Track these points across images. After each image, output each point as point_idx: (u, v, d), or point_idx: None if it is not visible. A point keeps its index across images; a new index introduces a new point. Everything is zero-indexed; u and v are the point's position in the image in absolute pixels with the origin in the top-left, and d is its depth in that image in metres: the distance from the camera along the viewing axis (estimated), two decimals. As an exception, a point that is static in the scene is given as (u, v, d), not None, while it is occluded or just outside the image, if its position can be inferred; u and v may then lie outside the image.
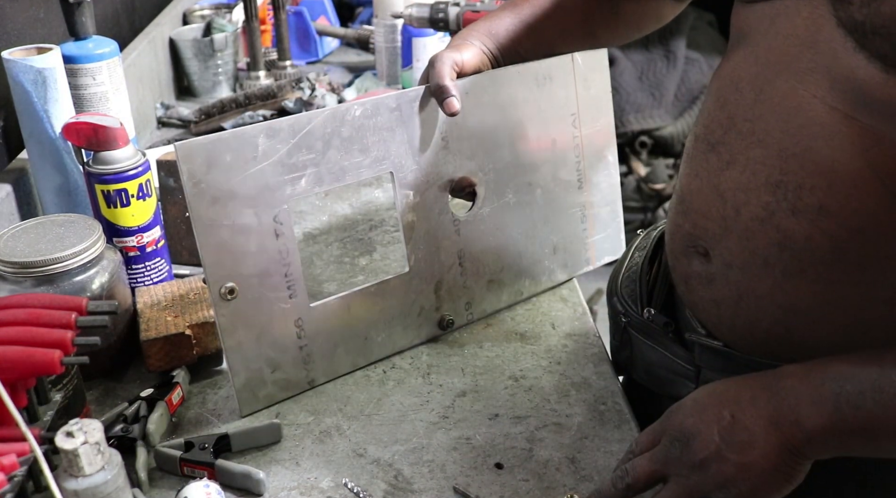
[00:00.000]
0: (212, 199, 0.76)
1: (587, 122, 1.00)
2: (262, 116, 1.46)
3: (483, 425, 0.82)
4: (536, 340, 0.94)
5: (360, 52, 1.92)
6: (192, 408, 0.84)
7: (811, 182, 0.65)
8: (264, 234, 0.79)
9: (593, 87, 1.00)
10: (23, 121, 1.01)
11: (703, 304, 0.78)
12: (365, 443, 0.79)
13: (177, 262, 1.06)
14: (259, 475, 0.73)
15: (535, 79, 0.94)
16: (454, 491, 0.74)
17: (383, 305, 0.89)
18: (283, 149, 0.78)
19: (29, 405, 0.69)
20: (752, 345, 0.76)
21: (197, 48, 1.63)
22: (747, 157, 0.69)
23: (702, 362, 0.80)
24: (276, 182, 0.79)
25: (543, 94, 0.95)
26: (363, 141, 0.83)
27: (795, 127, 0.65)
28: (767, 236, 0.69)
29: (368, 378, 0.88)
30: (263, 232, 0.79)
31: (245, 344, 0.80)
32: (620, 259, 0.97)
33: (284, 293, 0.82)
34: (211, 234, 0.77)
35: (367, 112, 0.83)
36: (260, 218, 0.79)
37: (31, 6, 1.18)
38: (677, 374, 0.83)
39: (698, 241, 0.76)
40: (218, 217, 0.77)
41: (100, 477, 0.60)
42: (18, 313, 0.70)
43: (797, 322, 0.72)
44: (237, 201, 0.77)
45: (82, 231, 0.85)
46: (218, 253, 0.78)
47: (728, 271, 0.74)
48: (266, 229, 0.79)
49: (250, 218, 0.78)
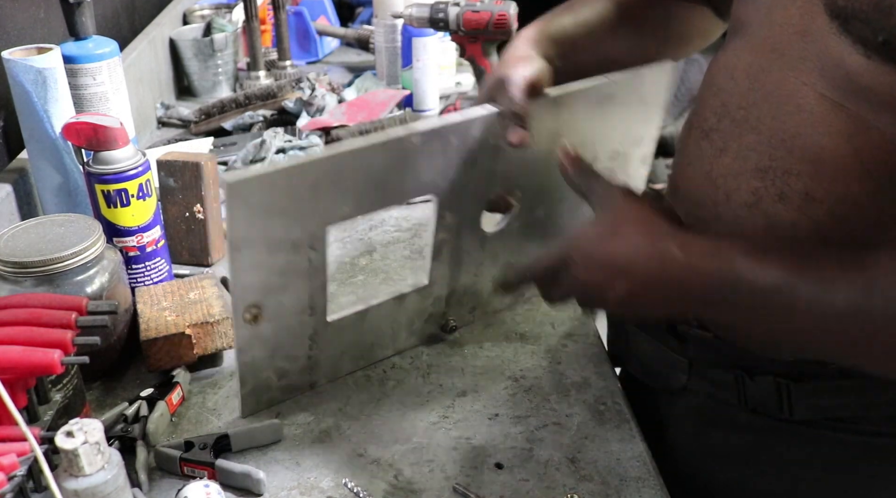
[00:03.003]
0: (249, 221, 0.70)
1: (632, 141, 0.93)
2: (262, 116, 1.46)
3: (483, 425, 0.82)
4: (536, 340, 0.94)
5: (360, 52, 1.92)
6: (192, 408, 0.84)
7: (798, 168, 0.65)
8: (300, 255, 0.74)
9: (651, 105, 0.91)
10: (23, 121, 1.01)
11: None
12: (365, 443, 0.79)
13: (177, 262, 1.06)
14: (259, 475, 0.73)
15: (597, 100, 0.85)
16: (454, 491, 0.74)
17: (395, 315, 0.88)
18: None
19: (29, 405, 0.69)
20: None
21: (197, 48, 1.63)
22: (740, 144, 0.69)
23: (693, 354, 0.81)
24: (323, 207, 0.74)
25: (600, 116, 0.87)
26: (415, 167, 0.77)
27: (786, 113, 0.66)
28: (755, 223, 0.69)
29: (368, 378, 0.88)
30: (300, 253, 0.74)
31: (258, 359, 0.79)
32: None
33: (307, 312, 0.79)
34: (246, 255, 0.71)
35: (428, 140, 0.76)
36: (299, 240, 0.74)
37: (31, 6, 1.18)
38: (671, 366, 0.83)
39: (691, 229, 0.76)
40: (255, 237, 0.71)
41: (100, 477, 0.60)
42: (18, 313, 0.70)
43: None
44: (278, 222, 0.72)
45: (82, 231, 0.85)
46: (249, 273, 0.72)
47: None
48: (303, 250, 0.74)
49: (289, 238, 0.73)
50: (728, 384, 0.78)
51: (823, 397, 0.74)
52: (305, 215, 0.73)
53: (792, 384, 0.74)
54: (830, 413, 0.74)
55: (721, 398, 0.79)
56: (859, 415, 0.73)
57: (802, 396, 0.74)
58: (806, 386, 0.74)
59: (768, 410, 0.76)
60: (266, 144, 1.29)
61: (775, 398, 0.75)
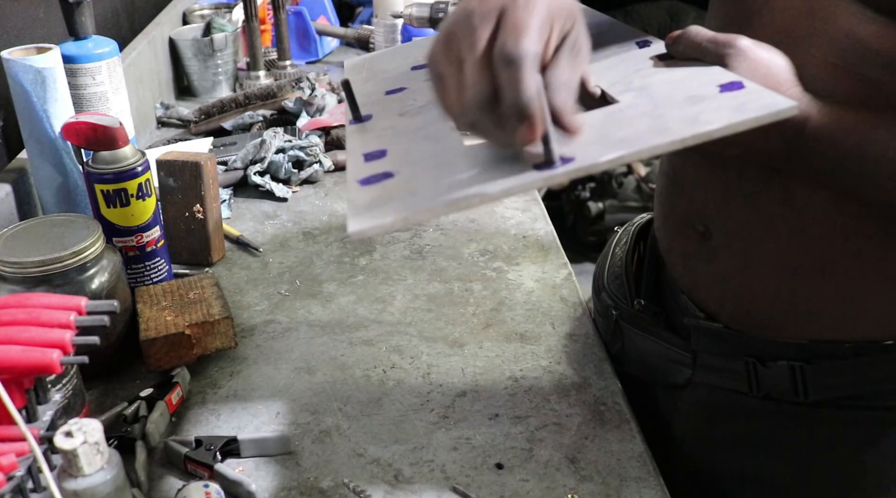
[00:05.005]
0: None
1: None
2: (261, 116, 1.46)
3: (483, 425, 0.81)
4: (536, 340, 0.94)
5: (360, 51, 1.91)
6: (191, 408, 0.84)
7: None
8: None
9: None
10: (22, 121, 1.01)
11: (703, 282, 0.80)
12: (365, 443, 0.79)
13: (176, 262, 1.06)
14: (251, 487, 0.73)
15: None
16: (454, 491, 0.74)
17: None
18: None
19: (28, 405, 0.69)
20: (755, 319, 0.77)
21: (197, 48, 1.63)
22: None
23: (698, 347, 0.81)
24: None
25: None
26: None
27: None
28: (772, 196, 0.70)
29: (368, 378, 0.88)
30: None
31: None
32: (603, 255, 0.99)
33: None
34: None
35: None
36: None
37: (31, 6, 1.18)
38: (673, 361, 0.84)
39: (696, 217, 0.77)
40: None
41: (99, 477, 0.60)
42: (18, 313, 0.70)
43: (803, 283, 0.73)
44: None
45: (82, 231, 0.85)
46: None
47: (731, 241, 0.75)
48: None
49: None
50: (737, 373, 0.78)
51: (837, 377, 0.74)
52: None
53: (805, 366, 0.74)
54: (844, 391, 0.75)
55: (729, 388, 0.80)
56: (873, 390, 0.74)
57: (817, 378, 0.74)
58: (820, 367, 0.74)
59: (782, 395, 0.76)
60: (266, 144, 1.29)
61: (789, 382, 0.75)
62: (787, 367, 0.75)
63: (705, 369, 0.81)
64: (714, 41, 0.62)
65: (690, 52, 0.62)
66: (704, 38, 0.62)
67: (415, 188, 0.55)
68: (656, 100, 0.57)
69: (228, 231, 1.15)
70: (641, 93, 0.59)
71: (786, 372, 0.75)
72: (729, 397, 0.80)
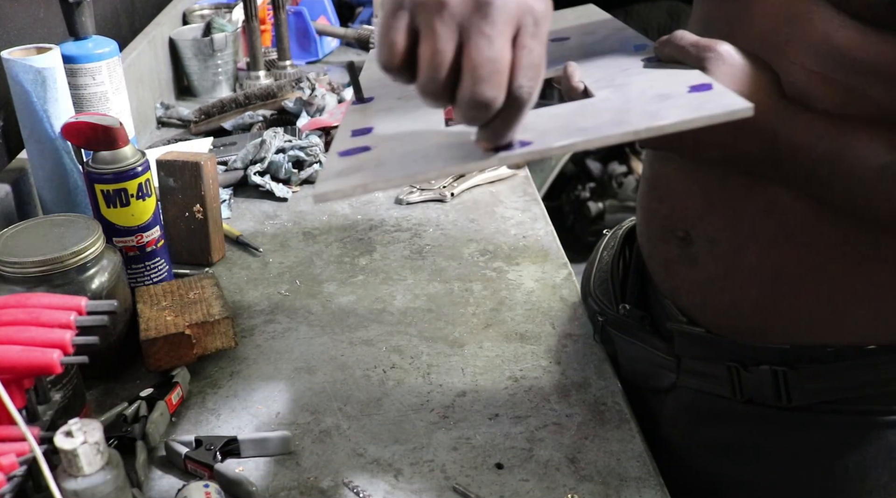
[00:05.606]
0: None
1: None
2: (261, 116, 1.46)
3: (483, 425, 0.81)
4: (536, 340, 0.94)
5: (360, 52, 1.91)
6: (191, 408, 0.84)
7: None
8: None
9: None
10: (22, 121, 1.01)
11: (685, 288, 0.80)
12: (365, 443, 0.79)
13: (176, 262, 1.06)
14: (251, 487, 0.73)
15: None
16: (454, 491, 0.74)
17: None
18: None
19: (28, 405, 0.69)
20: (737, 324, 0.77)
21: (197, 48, 1.63)
22: None
23: (682, 351, 0.81)
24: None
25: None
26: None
27: None
28: (755, 203, 0.70)
29: (368, 378, 0.88)
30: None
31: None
32: (590, 261, 0.98)
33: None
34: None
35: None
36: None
37: (31, 6, 1.17)
38: (657, 366, 0.84)
39: (677, 223, 0.77)
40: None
41: (99, 477, 0.60)
42: (18, 313, 0.70)
43: (785, 289, 0.73)
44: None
45: (82, 231, 0.85)
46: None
47: (713, 248, 0.75)
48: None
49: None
50: (720, 378, 0.78)
51: (820, 381, 0.74)
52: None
53: (788, 371, 0.74)
54: (827, 396, 0.74)
55: (712, 392, 0.80)
56: (856, 395, 0.74)
57: (799, 382, 0.74)
58: (802, 371, 0.74)
59: (765, 400, 0.76)
60: (266, 144, 1.29)
61: (772, 386, 0.75)
62: (770, 371, 0.75)
63: (689, 374, 0.81)
64: (696, 45, 0.63)
65: (675, 54, 0.64)
66: (688, 42, 0.64)
67: (384, 160, 0.57)
68: (628, 96, 0.59)
69: (228, 231, 1.15)
70: (618, 90, 0.61)
71: (768, 377, 0.75)
72: (712, 402, 0.80)
